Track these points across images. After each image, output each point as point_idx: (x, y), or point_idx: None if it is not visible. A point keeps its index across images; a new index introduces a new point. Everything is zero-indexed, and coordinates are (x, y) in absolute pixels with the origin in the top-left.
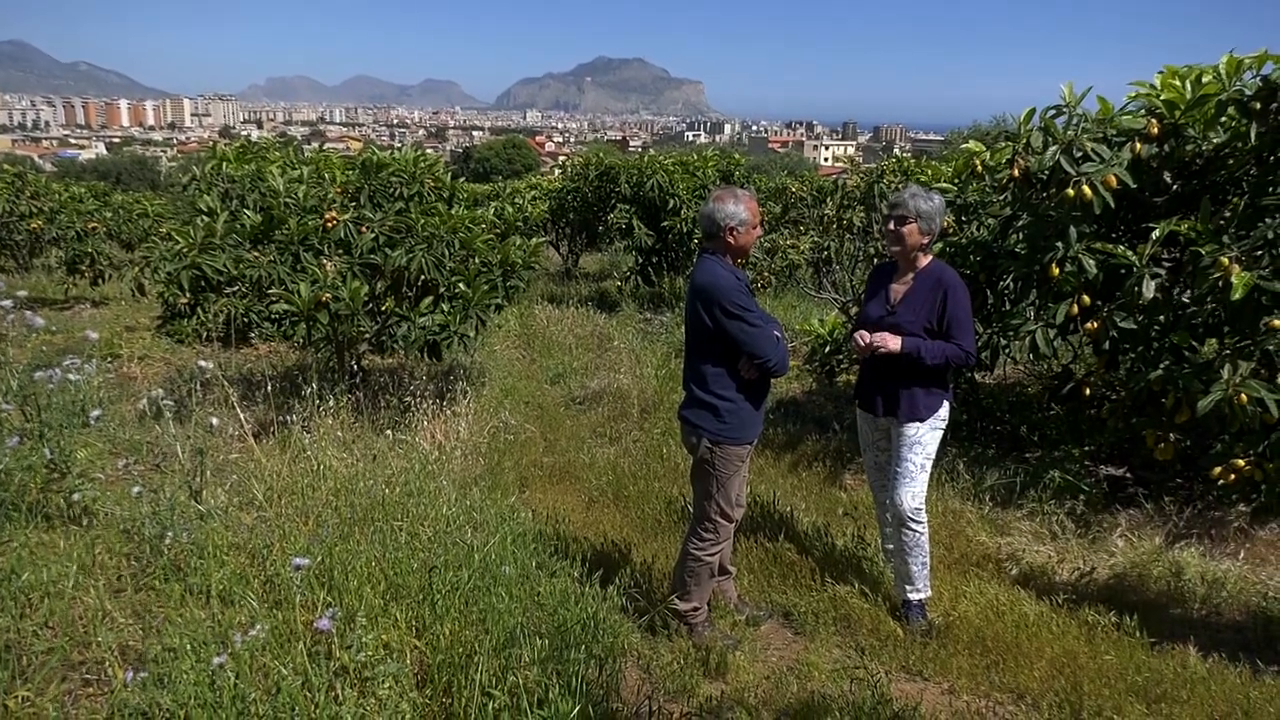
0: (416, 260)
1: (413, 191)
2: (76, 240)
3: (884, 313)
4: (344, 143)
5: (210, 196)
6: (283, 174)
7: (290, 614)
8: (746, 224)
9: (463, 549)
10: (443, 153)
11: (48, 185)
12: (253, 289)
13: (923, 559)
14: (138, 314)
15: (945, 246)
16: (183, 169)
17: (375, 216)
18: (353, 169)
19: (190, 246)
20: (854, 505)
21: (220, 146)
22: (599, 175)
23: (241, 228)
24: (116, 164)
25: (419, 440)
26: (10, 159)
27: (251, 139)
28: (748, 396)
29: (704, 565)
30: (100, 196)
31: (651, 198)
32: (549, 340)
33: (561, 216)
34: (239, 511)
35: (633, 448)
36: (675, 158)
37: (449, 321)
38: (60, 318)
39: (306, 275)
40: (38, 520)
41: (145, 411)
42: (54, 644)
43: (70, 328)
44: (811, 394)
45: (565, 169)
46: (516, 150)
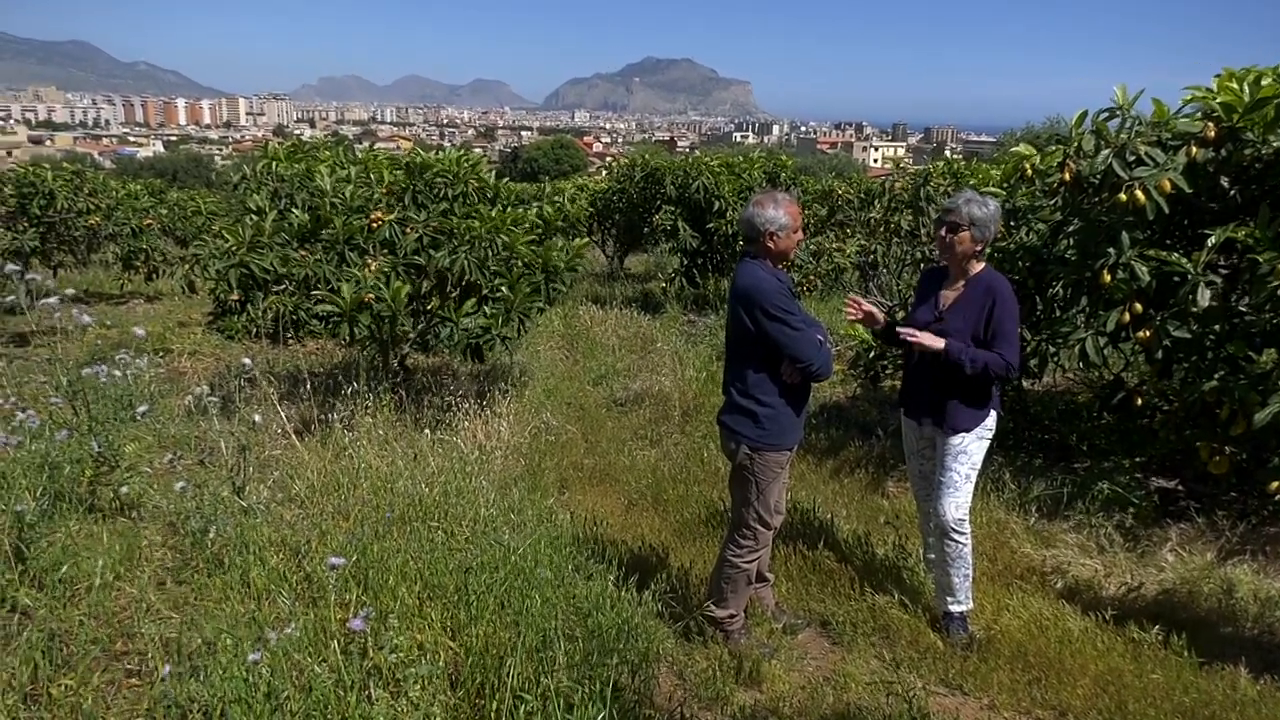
0: (459, 261)
1: (457, 192)
2: (132, 237)
3: (932, 318)
4: (394, 142)
5: (260, 195)
6: (331, 174)
7: (326, 612)
8: (787, 229)
9: (499, 550)
10: (491, 153)
11: (105, 182)
12: (300, 287)
13: (965, 570)
14: (190, 310)
15: (993, 252)
16: (235, 167)
17: (420, 217)
18: (398, 169)
19: (239, 245)
20: (896, 514)
21: (271, 146)
22: (644, 176)
23: (289, 226)
24: (173, 162)
25: (460, 440)
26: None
27: (303, 138)
28: (788, 402)
29: (741, 572)
30: (156, 194)
31: (697, 199)
32: (592, 341)
33: (607, 217)
34: (280, 507)
35: (673, 451)
36: (721, 159)
37: (491, 324)
38: (115, 312)
39: (351, 275)
40: (85, 512)
41: (192, 407)
42: (97, 635)
43: (124, 322)
44: (855, 399)
45: (611, 170)
46: (564, 150)
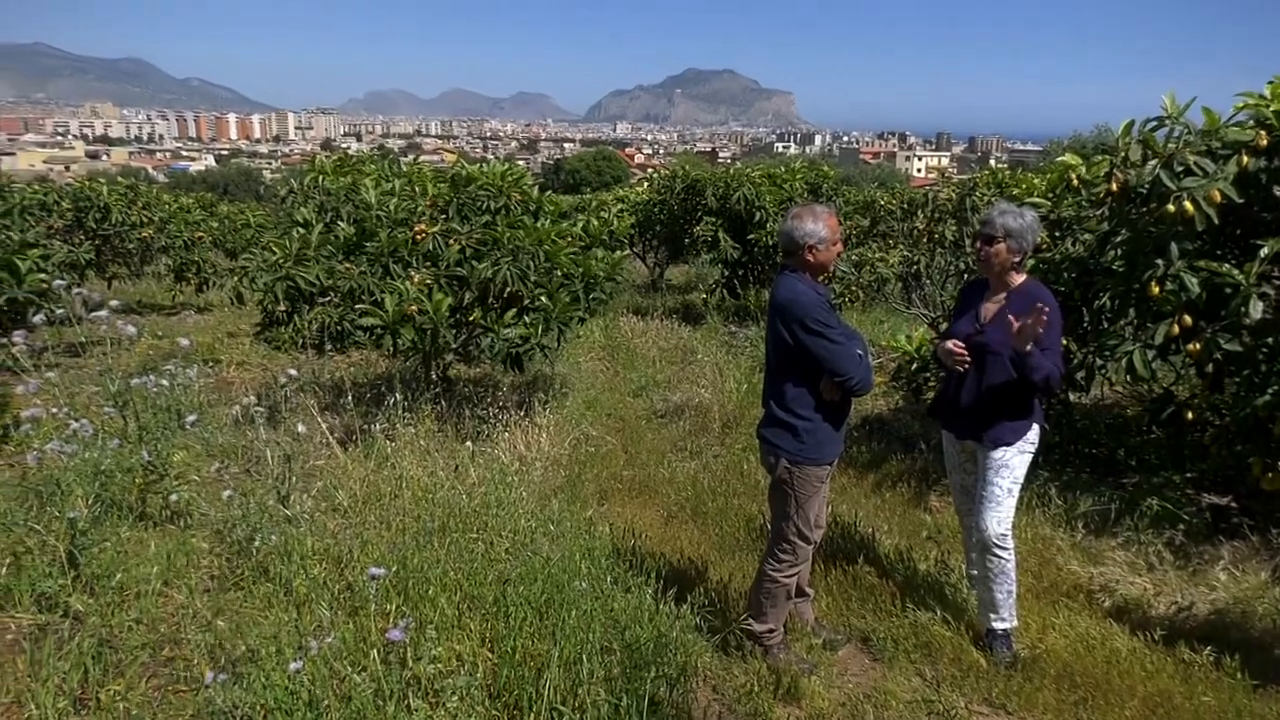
0: (501, 272)
1: (499, 205)
2: (184, 249)
3: (973, 330)
4: (438, 155)
5: (307, 209)
6: (376, 187)
7: (366, 622)
8: (825, 241)
9: (538, 561)
10: (534, 164)
11: (159, 196)
12: (344, 299)
13: (1008, 587)
14: (239, 320)
15: (1038, 263)
16: (283, 181)
17: (463, 229)
18: (443, 182)
19: (286, 258)
20: (938, 528)
21: (319, 159)
22: (685, 188)
23: (335, 239)
24: (224, 175)
25: (500, 451)
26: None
27: (350, 152)
28: (827, 416)
29: (780, 586)
30: (207, 207)
31: (738, 210)
32: (633, 352)
33: (648, 228)
34: (323, 517)
35: (713, 463)
36: (762, 170)
37: (531, 333)
38: (167, 323)
39: (394, 287)
40: (135, 520)
41: (240, 417)
42: (146, 640)
43: (176, 333)
44: (898, 412)
45: (653, 181)
46: (606, 162)
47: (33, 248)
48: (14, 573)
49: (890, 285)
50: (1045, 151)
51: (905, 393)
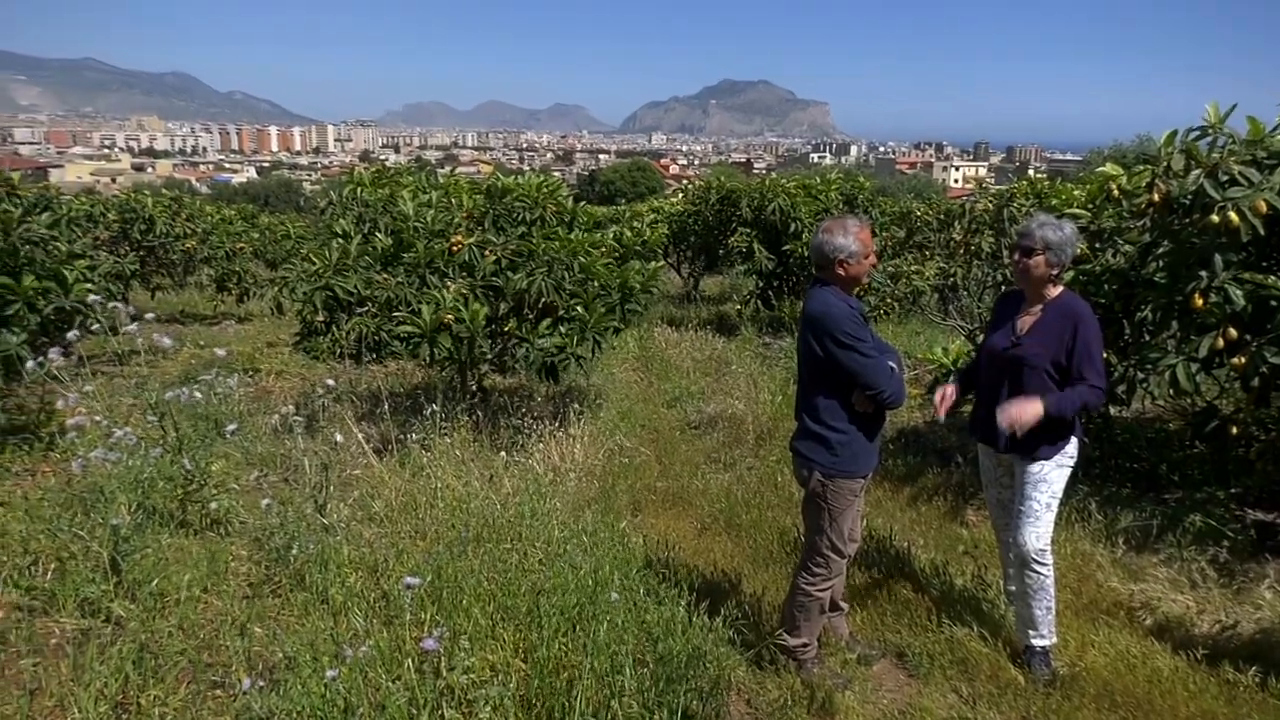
0: (537, 283)
1: (535, 216)
2: (225, 260)
3: (1009, 344)
4: (475, 166)
5: (345, 220)
6: (413, 198)
7: (401, 631)
8: (857, 255)
9: (571, 572)
10: (569, 176)
11: (201, 208)
12: (382, 309)
13: (1047, 603)
14: (278, 330)
15: (1078, 275)
16: (323, 193)
17: (499, 240)
18: (479, 194)
19: (325, 268)
20: (975, 543)
21: (357, 171)
22: (720, 199)
23: (373, 250)
24: (265, 187)
25: (534, 461)
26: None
27: (388, 164)
28: (861, 428)
29: (814, 600)
30: (248, 218)
31: (773, 221)
32: (667, 363)
33: (683, 239)
34: (359, 526)
35: (747, 475)
36: (797, 181)
37: (566, 343)
38: (209, 333)
39: (431, 297)
40: (176, 527)
41: (278, 426)
42: (185, 646)
43: (217, 342)
44: (934, 424)
45: (687, 192)
46: (641, 173)
47: (79, 258)
48: (59, 578)
49: (926, 297)
50: (1085, 161)
51: None
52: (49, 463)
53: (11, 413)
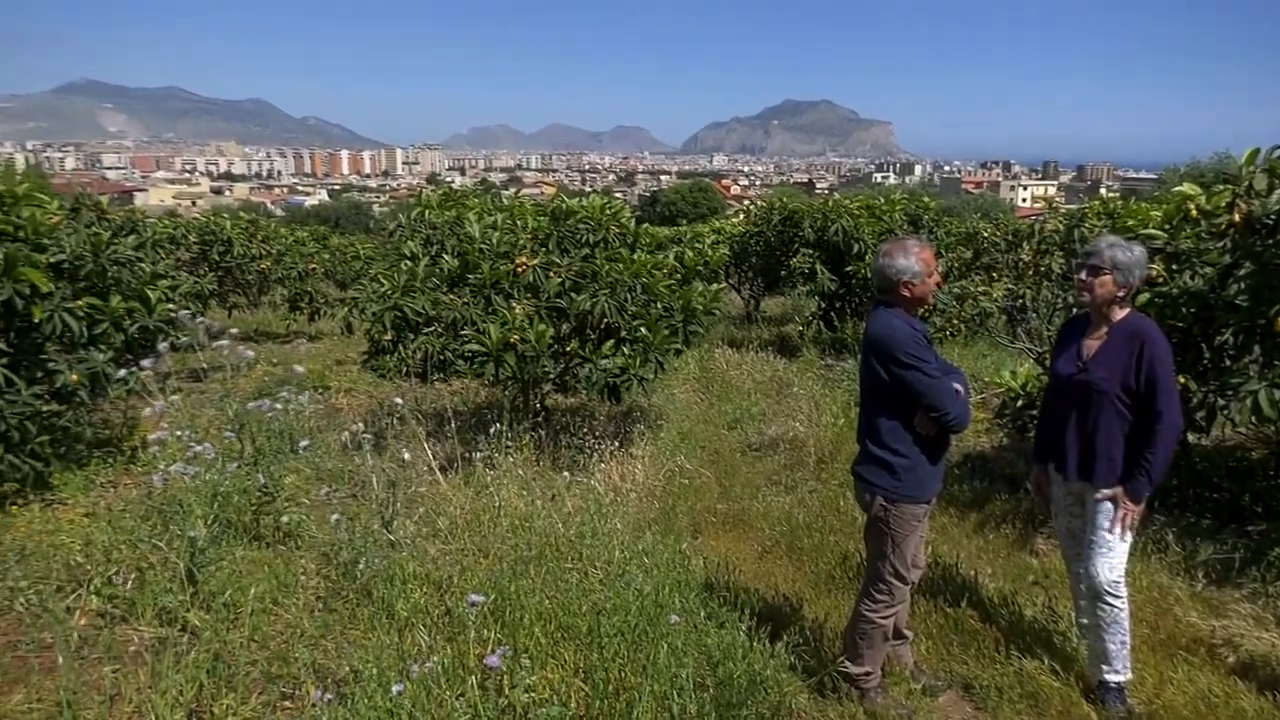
0: (600, 304)
1: (598, 238)
2: (298, 280)
3: (1075, 370)
4: (538, 188)
5: (414, 242)
6: (479, 220)
7: (465, 647)
8: (920, 275)
9: (631, 593)
10: (630, 196)
11: (276, 230)
12: (448, 329)
13: (1122, 637)
14: (347, 349)
15: (1154, 297)
16: (392, 215)
17: (563, 262)
18: (543, 216)
19: (394, 289)
20: (1045, 573)
21: (425, 194)
22: (782, 219)
23: (440, 271)
24: (336, 209)
25: (595, 481)
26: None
27: (454, 186)
28: (925, 452)
29: (877, 628)
30: (320, 240)
31: (835, 242)
32: (728, 384)
33: (744, 260)
34: (425, 542)
35: (808, 498)
36: (861, 201)
37: (629, 364)
38: (281, 351)
39: (497, 317)
40: (249, 540)
41: (348, 443)
42: (256, 657)
43: (289, 360)
44: (1002, 449)
45: (749, 213)
46: (702, 194)
47: (162, 279)
48: (138, 587)
49: (994, 319)
50: (1160, 180)
51: (1009, 430)
52: (131, 475)
53: (97, 427)
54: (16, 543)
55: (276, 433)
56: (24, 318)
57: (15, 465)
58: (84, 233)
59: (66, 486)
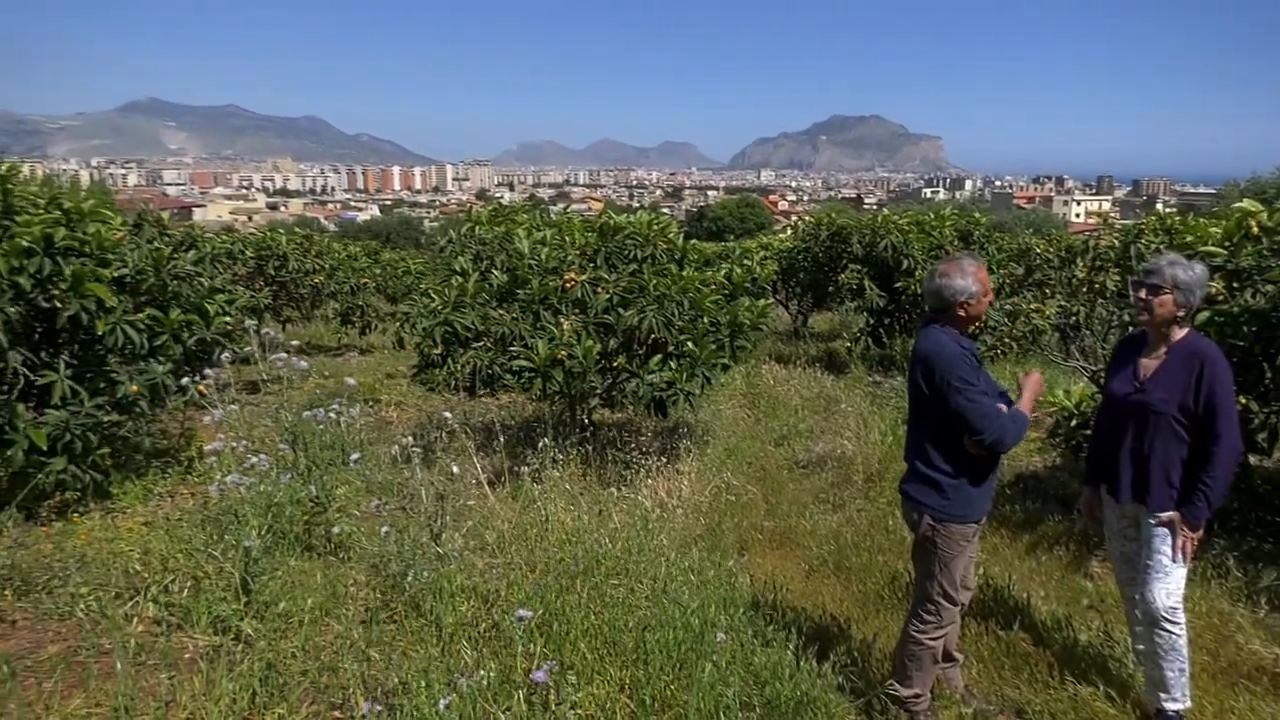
0: (647, 320)
1: (646, 254)
2: (350, 294)
3: (1131, 390)
4: (586, 204)
5: (464, 258)
6: (528, 236)
7: (511, 661)
8: (976, 295)
9: (678, 610)
10: (678, 212)
11: (329, 245)
12: (497, 344)
13: (1180, 665)
14: (397, 362)
15: (1213, 316)
16: (442, 230)
17: (610, 278)
18: (591, 231)
19: (444, 304)
20: (1100, 596)
21: (475, 210)
22: (830, 235)
23: (490, 287)
24: (387, 224)
25: (642, 496)
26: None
27: (503, 201)
28: (974, 471)
29: (926, 649)
30: (371, 255)
31: (884, 258)
32: (774, 400)
33: (791, 276)
34: (473, 555)
35: (856, 517)
36: (910, 217)
37: (676, 379)
38: (333, 364)
39: (545, 333)
40: (301, 550)
41: (398, 455)
42: (307, 667)
43: (341, 373)
44: (1055, 469)
45: (796, 228)
46: (749, 209)
47: (220, 293)
48: (194, 595)
49: (1046, 336)
50: (1219, 195)
51: (1063, 450)
52: (187, 485)
53: (156, 437)
54: (78, 550)
55: (328, 445)
56: (88, 330)
57: (78, 475)
58: (146, 248)
59: (126, 496)
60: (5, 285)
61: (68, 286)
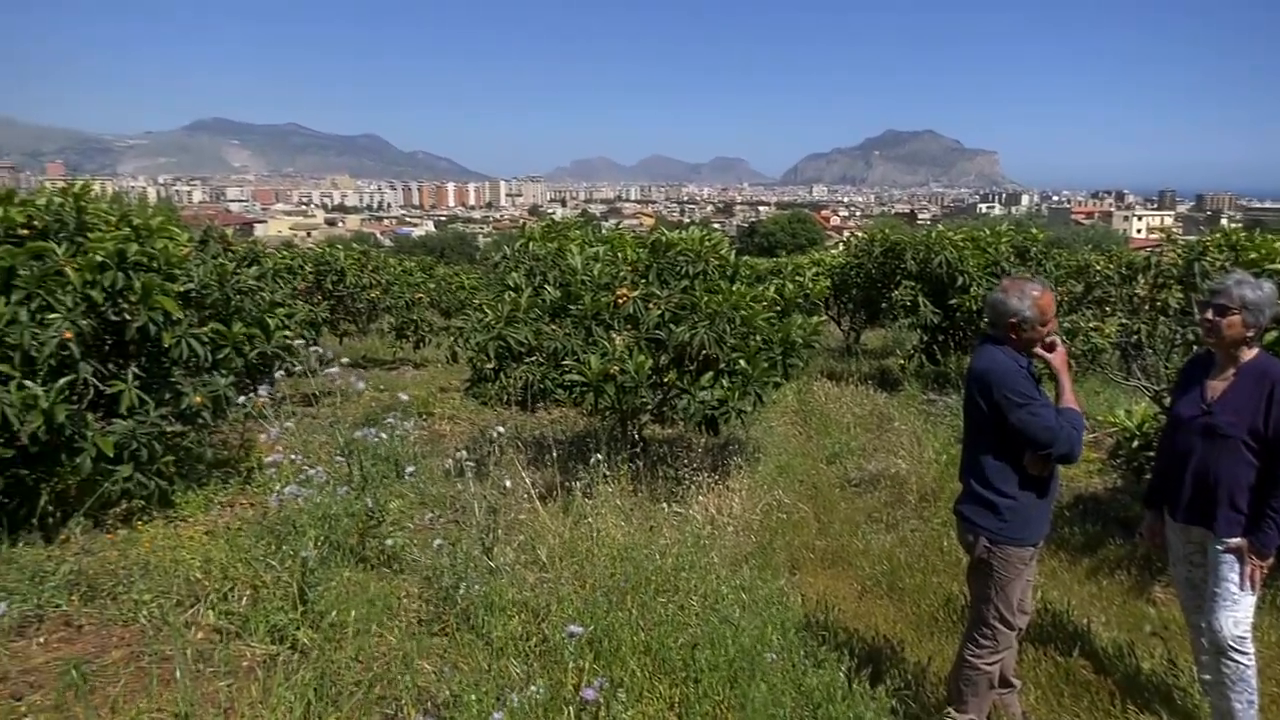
0: (699, 336)
1: (698, 269)
2: (405, 309)
3: (1198, 412)
4: (637, 219)
5: (518, 273)
6: (581, 252)
7: (561, 677)
8: (1031, 322)
9: (729, 629)
10: (728, 227)
11: (385, 260)
12: (549, 359)
13: (1249, 697)
14: (450, 376)
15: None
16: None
17: (662, 293)
18: (643, 248)
19: (498, 319)
20: (1164, 623)
21: (529, 226)
22: (884, 251)
23: (542, 302)
24: (441, 240)
25: (693, 513)
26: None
27: (556, 217)
28: (1032, 492)
29: (982, 675)
30: (426, 270)
31: (939, 274)
32: (826, 418)
33: (844, 292)
34: (524, 569)
35: (910, 537)
36: (965, 232)
37: (727, 396)
38: (387, 377)
39: (597, 348)
40: (356, 562)
41: (450, 469)
42: (361, 677)
43: (395, 386)
44: (1116, 491)
45: (849, 244)
46: (801, 224)
47: (280, 307)
48: (252, 604)
49: (1107, 355)
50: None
51: (1123, 471)
52: (246, 495)
53: (216, 448)
54: (141, 557)
55: (382, 458)
56: (155, 343)
57: (143, 483)
58: (211, 264)
59: (188, 505)
60: (79, 298)
61: (137, 299)
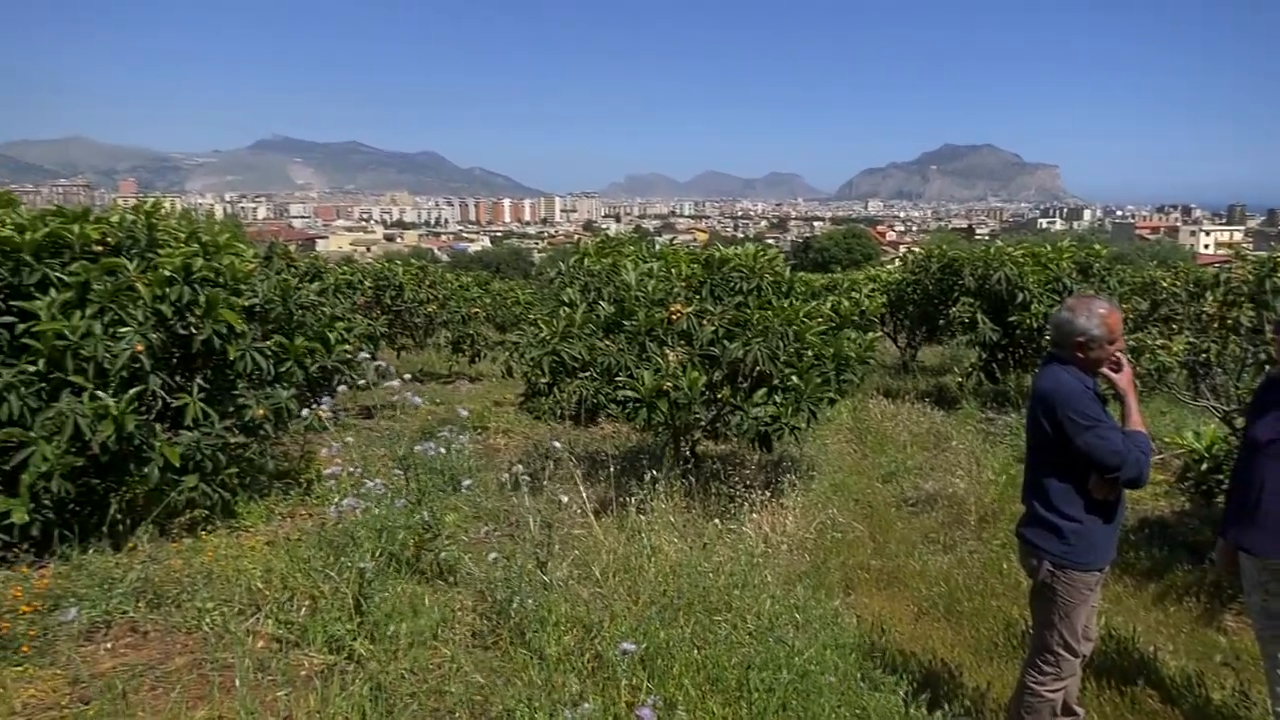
0: (752, 352)
1: (752, 286)
2: (461, 323)
3: (1276, 435)
4: (691, 234)
5: (572, 289)
6: (635, 268)
7: (614, 694)
8: (1099, 340)
9: (783, 649)
10: (783, 243)
11: (442, 275)
12: (603, 374)
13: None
14: (505, 390)
15: None
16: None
17: (716, 310)
18: (696, 263)
19: (553, 334)
20: (1235, 653)
21: (583, 242)
22: (941, 267)
23: (597, 318)
24: (497, 255)
25: (746, 530)
26: (417, 252)
27: (610, 232)
28: (1098, 516)
29: (1044, 702)
30: (482, 285)
31: (998, 291)
32: (882, 436)
33: (900, 308)
34: (577, 584)
35: (969, 559)
36: (1025, 248)
37: (780, 413)
38: (443, 391)
39: (650, 364)
40: (411, 574)
41: (505, 483)
42: (415, 690)
43: (451, 400)
44: (1184, 515)
45: (906, 260)
46: (856, 240)
47: (340, 321)
48: (310, 614)
49: (1174, 374)
50: None
51: (1192, 494)
52: (306, 506)
53: (278, 460)
54: (204, 566)
55: (439, 471)
56: (220, 355)
57: (207, 493)
58: (275, 279)
59: (250, 515)
60: (149, 312)
61: (203, 312)
